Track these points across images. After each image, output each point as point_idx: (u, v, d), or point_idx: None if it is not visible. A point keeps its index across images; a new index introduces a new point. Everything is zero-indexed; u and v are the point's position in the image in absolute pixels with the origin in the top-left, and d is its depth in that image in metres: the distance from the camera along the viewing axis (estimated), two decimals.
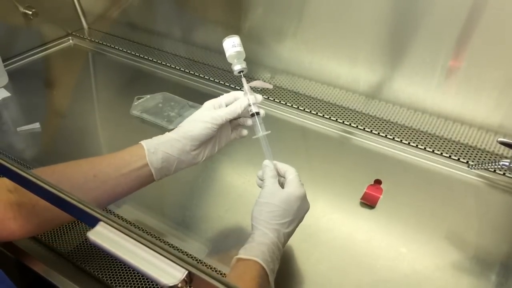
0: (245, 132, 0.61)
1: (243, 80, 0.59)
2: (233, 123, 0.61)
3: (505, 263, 0.61)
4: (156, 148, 0.54)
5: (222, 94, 0.59)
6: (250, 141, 0.63)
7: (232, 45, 0.58)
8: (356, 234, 0.65)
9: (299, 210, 0.53)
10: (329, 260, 0.61)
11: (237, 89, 0.96)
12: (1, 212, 0.50)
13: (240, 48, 0.58)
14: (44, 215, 0.52)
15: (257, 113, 0.57)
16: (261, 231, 0.50)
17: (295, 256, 0.62)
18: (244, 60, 0.59)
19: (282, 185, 0.55)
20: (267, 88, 0.60)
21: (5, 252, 0.62)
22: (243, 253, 0.48)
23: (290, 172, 0.55)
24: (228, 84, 0.98)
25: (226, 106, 0.58)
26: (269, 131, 0.57)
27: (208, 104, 0.59)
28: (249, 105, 0.57)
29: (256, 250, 0.49)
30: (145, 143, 0.55)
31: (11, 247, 0.62)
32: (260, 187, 0.55)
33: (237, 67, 0.58)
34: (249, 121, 0.59)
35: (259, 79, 0.59)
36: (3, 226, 0.50)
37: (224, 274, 0.59)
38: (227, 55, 0.59)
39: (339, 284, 0.58)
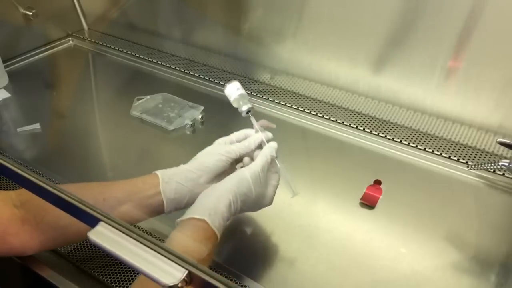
0: None
1: (253, 119, 0.61)
2: (239, 160, 0.61)
3: (505, 264, 0.61)
4: (170, 178, 0.54)
5: (221, 95, 0.59)
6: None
7: (236, 89, 0.61)
8: (355, 234, 0.65)
9: (256, 205, 0.57)
10: (329, 260, 0.61)
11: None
12: (3, 227, 0.49)
13: (242, 91, 0.62)
14: (49, 233, 0.52)
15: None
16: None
17: (295, 257, 0.62)
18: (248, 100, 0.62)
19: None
20: (271, 127, 0.63)
21: None
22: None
23: (275, 179, 0.58)
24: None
25: (237, 140, 0.60)
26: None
27: (221, 140, 0.60)
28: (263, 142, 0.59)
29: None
30: (160, 172, 0.55)
31: None
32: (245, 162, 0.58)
33: (244, 107, 0.60)
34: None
35: (264, 119, 0.62)
36: (3, 241, 0.50)
37: (225, 274, 0.59)
38: (231, 99, 0.62)
39: (339, 284, 0.58)
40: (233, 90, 0.62)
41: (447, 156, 0.78)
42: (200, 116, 0.88)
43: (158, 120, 0.87)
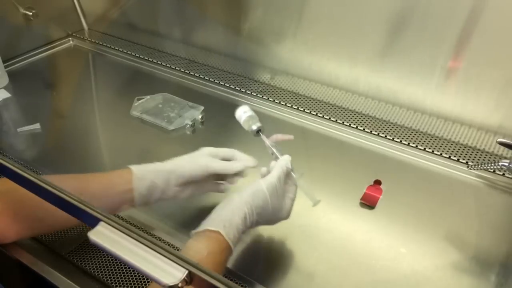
0: (226, 188, 0.63)
1: (264, 138, 0.61)
2: (218, 176, 0.62)
3: (505, 264, 0.61)
4: (144, 175, 0.56)
5: (221, 95, 0.59)
6: (250, 141, 0.63)
7: (243, 112, 0.63)
8: (355, 234, 0.65)
9: (272, 218, 0.56)
10: (329, 260, 0.61)
11: (237, 90, 0.97)
12: None
13: (251, 113, 0.62)
14: (27, 223, 0.53)
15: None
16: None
17: (295, 257, 0.62)
18: (259, 121, 0.62)
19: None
20: (288, 139, 0.63)
21: (5, 253, 0.62)
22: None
23: (292, 191, 0.58)
24: (228, 85, 0.98)
25: (221, 159, 0.61)
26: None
27: (206, 150, 0.61)
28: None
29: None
30: (134, 168, 0.56)
31: (12, 247, 0.62)
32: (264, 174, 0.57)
33: (253, 127, 0.61)
34: (235, 181, 0.63)
35: (279, 133, 0.62)
36: None
37: (224, 274, 0.59)
38: (241, 122, 0.63)
39: (339, 284, 0.58)
40: (241, 114, 0.63)
41: (447, 156, 0.78)
42: (200, 116, 0.88)
43: (158, 120, 0.87)
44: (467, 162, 0.77)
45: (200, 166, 0.58)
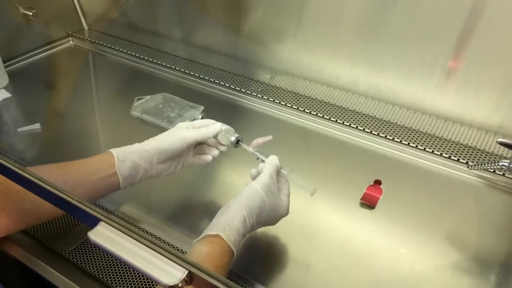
0: (209, 158, 0.64)
1: (245, 146, 0.63)
2: (199, 148, 0.65)
3: (505, 264, 0.61)
4: (125, 157, 0.57)
5: (221, 95, 0.59)
6: (250, 141, 0.63)
7: (221, 127, 0.63)
8: (356, 234, 0.65)
9: (272, 217, 0.57)
10: (329, 260, 0.61)
11: (237, 90, 0.97)
12: None
13: (226, 126, 0.63)
14: (14, 217, 0.53)
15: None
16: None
17: (295, 257, 0.62)
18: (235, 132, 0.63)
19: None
20: (268, 140, 0.64)
21: (5, 253, 0.62)
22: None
23: (286, 187, 0.58)
24: (228, 85, 0.98)
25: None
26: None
27: (182, 124, 0.63)
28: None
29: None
30: (115, 151, 0.58)
31: (12, 247, 0.62)
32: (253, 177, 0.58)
33: (232, 138, 0.62)
34: (215, 151, 0.64)
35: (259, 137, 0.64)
36: None
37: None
38: (219, 137, 0.63)
39: (339, 284, 0.58)
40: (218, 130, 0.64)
41: (447, 156, 0.78)
42: (200, 116, 0.88)
43: (158, 120, 0.87)
44: (467, 162, 0.77)
45: (179, 139, 0.60)
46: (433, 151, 0.79)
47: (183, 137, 0.60)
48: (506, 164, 0.69)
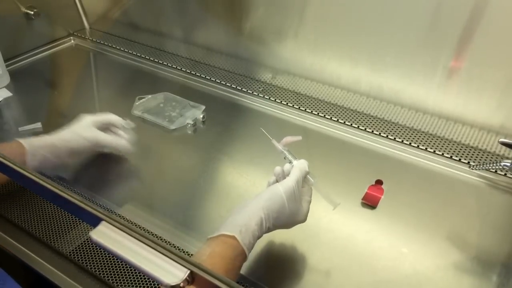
0: (124, 142, 0.73)
1: (275, 143, 0.62)
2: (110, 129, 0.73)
3: (507, 264, 0.61)
4: (36, 151, 0.61)
5: (223, 94, 0.59)
6: (251, 141, 0.63)
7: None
8: (357, 234, 0.65)
9: (289, 222, 0.56)
10: (330, 260, 0.61)
11: (239, 90, 0.97)
12: None
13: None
14: None
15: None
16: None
17: (296, 257, 0.62)
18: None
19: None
20: (298, 140, 0.64)
21: (8, 252, 0.62)
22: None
23: (309, 194, 0.58)
24: (229, 85, 0.98)
25: (103, 125, 0.71)
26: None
27: (88, 119, 0.69)
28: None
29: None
30: (25, 143, 0.61)
31: (14, 246, 0.62)
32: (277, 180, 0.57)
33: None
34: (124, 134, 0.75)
35: (289, 135, 0.63)
36: None
37: None
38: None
39: (340, 284, 0.58)
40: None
41: (449, 156, 0.78)
42: (201, 116, 0.88)
43: (159, 119, 0.87)
44: (468, 162, 0.76)
45: (90, 141, 0.66)
46: (434, 151, 0.79)
47: (95, 139, 0.67)
48: (508, 164, 0.69)
